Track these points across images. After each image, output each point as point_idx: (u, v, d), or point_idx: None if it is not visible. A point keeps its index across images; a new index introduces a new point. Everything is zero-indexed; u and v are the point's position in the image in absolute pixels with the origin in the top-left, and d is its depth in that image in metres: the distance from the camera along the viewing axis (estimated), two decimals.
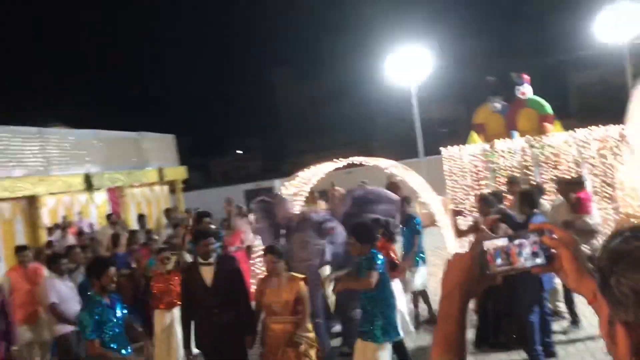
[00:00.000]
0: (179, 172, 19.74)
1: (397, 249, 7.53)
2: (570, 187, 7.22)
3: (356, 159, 12.42)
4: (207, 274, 5.25)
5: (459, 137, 18.40)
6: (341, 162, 11.62)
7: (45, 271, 6.82)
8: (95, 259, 5.43)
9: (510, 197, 8.68)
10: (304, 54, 47.71)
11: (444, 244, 9.07)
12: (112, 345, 4.53)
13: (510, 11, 36.91)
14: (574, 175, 13.73)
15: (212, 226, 8.18)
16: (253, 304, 5.43)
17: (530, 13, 34.92)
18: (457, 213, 7.80)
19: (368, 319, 4.92)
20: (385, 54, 22.33)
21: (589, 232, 6.38)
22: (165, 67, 53.00)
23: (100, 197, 15.68)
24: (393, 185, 13.15)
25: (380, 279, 4.86)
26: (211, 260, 5.31)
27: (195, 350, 5.51)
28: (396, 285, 6.11)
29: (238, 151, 48.27)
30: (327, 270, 6.38)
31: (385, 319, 4.87)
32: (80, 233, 11.87)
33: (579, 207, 6.91)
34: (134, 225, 15.62)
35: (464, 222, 10.97)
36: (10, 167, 12.65)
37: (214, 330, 5.14)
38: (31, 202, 13.09)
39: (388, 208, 6.85)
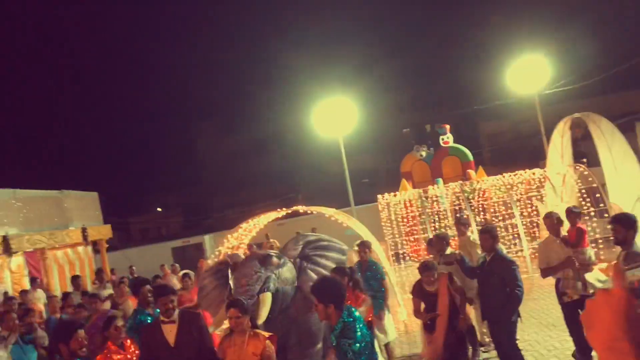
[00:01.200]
0: (103, 231, 18.82)
1: None
2: (576, 216, 7.43)
3: (300, 208, 12.46)
4: (170, 332, 4.91)
5: (380, 187, 18.89)
6: (283, 211, 11.60)
7: None
8: (61, 323, 4.94)
9: (456, 238, 8.91)
10: (226, 107, 47.60)
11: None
12: None
13: (428, 64, 38.75)
14: (502, 218, 14.46)
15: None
16: None
17: (446, 66, 36.85)
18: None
19: None
20: (311, 106, 22.80)
21: (587, 265, 6.51)
22: (82, 120, 51.42)
23: (16, 261, 14.60)
24: None
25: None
26: (173, 317, 4.98)
27: None
28: None
29: (158, 209, 46.85)
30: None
31: None
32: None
33: (581, 238, 7.06)
34: (56, 290, 14.65)
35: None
36: None
37: None
38: None
39: (339, 257, 6.52)
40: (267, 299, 5.69)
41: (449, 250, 7.16)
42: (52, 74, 53.42)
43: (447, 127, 19.34)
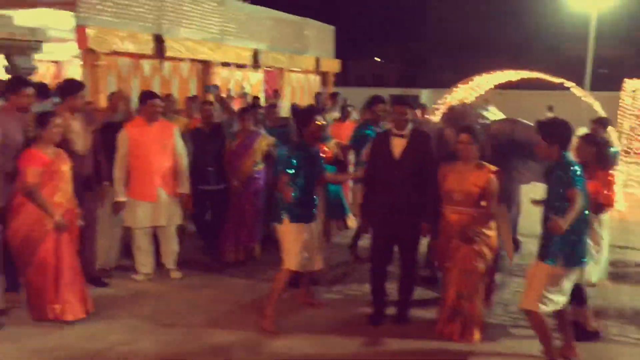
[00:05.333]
0: (334, 65, 19.88)
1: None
2: None
3: (541, 75, 11.83)
4: (397, 145, 4.88)
5: (618, 82, 16.92)
6: (524, 74, 11.10)
7: None
8: (300, 109, 5.36)
9: None
10: None
11: None
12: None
13: None
14: None
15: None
16: None
17: None
18: None
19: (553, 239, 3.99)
20: None
21: None
22: None
23: (256, 76, 16.17)
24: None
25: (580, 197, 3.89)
26: (404, 132, 4.91)
27: None
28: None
29: (376, 58, 47.53)
30: None
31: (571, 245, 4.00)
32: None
33: None
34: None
35: None
36: (192, 30, 13.28)
37: (390, 205, 4.86)
38: (206, 67, 13.81)
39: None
40: None
41: None
42: None
43: None
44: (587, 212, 4.02)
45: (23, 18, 10.65)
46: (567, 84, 10.89)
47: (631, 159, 13.50)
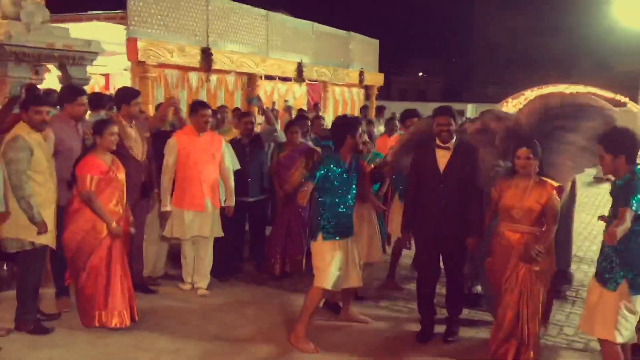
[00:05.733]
0: (377, 78, 19.83)
1: None
2: None
3: (594, 90, 11.50)
4: (442, 157, 4.77)
5: None
6: (572, 88, 10.84)
7: None
8: (339, 121, 5.22)
9: None
10: None
11: None
12: None
13: None
14: None
15: None
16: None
17: None
18: None
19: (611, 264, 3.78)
20: None
21: None
22: None
23: (300, 90, 16.23)
24: None
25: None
26: (449, 144, 4.78)
27: None
28: None
29: (420, 73, 47.36)
30: None
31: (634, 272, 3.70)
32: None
33: None
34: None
35: None
36: (239, 43, 13.44)
37: (435, 220, 4.77)
38: (251, 79, 13.93)
39: (601, 126, 4.84)
40: None
41: None
42: None
43: None
44: None
45: (78, 31, 10.98)
46: (622, 99, 10.55)
47: None
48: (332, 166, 4.72)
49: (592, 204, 12.16)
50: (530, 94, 11.42)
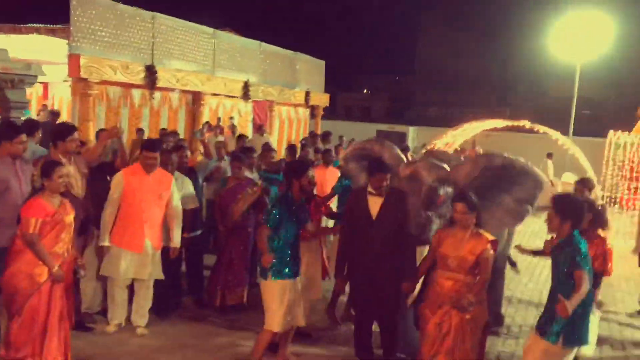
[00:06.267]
0: (323, 99, 20.04)
1: None
2: None
3: (525, 124, 12.02)
4: (374, 204, 4.90)
5: (602, 122, 17.23)
6: (509, 122, 11.34)
7: None
8: (294, 161, 5.27)
9: None
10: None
11: None
12: None
13: None
14: None
15: None
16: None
17: None
18: None
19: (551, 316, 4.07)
20: (553, 16, 21.10)
21: None
22: None
23: (245, 107, 16.22)
24: None
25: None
26: (381, 192, 4.91)
27: None
28: None
29: (365, 90, 48.07)
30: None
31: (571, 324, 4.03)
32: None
33: None
34: (274, 141, 16.13)
35: None
36: (185, 61, 13.32)
37: (367, 265, 4.90)
38: (196, 98, 13.82)
39: (530, 190, 5.08)
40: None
41: None
42: None
43: None
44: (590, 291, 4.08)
45: (17, 42, 10.60)
46: (552, 133, 11.12)
47: (615, 209, 13.73)
48: (283, 206, 4.79)
49: (524, 232, 12.62)
50: (469, 126, 11.93)
